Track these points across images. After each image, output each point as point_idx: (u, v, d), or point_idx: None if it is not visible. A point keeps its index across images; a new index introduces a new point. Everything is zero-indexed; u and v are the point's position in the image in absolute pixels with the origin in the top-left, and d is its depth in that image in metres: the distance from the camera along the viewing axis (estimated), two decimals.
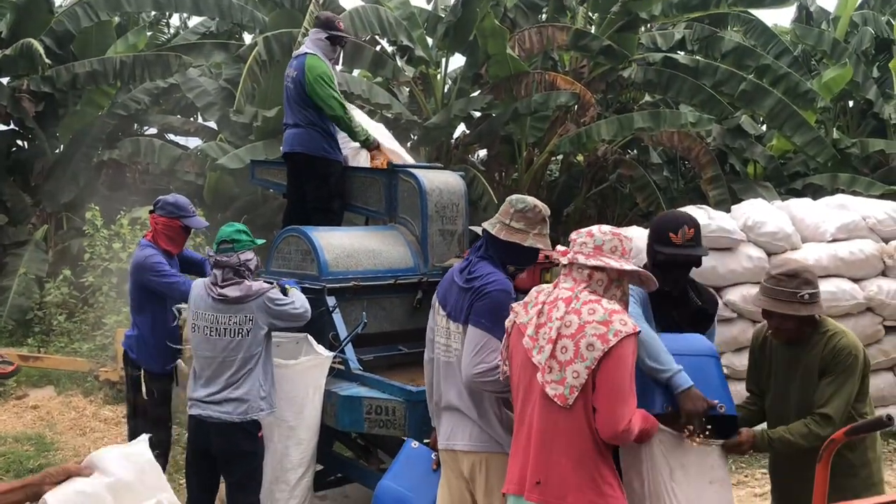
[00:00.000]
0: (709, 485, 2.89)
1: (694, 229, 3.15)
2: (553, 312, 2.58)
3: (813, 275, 2.95)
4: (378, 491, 3.50)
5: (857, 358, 2.87)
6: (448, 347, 3.16)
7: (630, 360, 2.52)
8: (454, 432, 3.12)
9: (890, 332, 6.59)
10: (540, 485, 2.51)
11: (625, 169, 12.45)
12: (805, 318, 2.90)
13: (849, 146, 12.54)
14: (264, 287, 3.94)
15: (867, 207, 7.14)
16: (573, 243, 2.69)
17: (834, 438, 2.41)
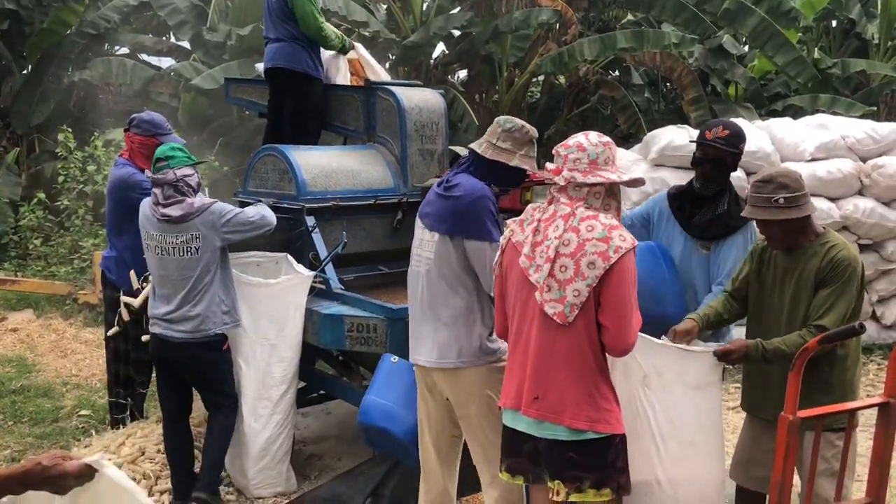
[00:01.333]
0: (691, 390, 2.92)
1: (729, 132, 3.37)
2: (550, 230, 2.55)
3: (792, 179, 2.89)
4: (364, 406, 3.51)
5: (856, 270, 2.84)
6: (420, 258, 3.11)
7: (631, 275, 2.51)
8: (419, 347, 3.12)
9: (864, 250, 6.68)
10: (538, 400, 2.54)
11: (606, 90, 12.32)
12: (789, 224, 2.87)
13: (830, 66, 12.45)
14: (208, 202, 3.86)
15: (846, 127, 7.14)
16: (564, 160, 2.58)
17: (807, 347, 2.46)
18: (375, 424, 3.44)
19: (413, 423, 3.36)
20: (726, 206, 3.41)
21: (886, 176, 6.59)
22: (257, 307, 4.08)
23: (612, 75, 13.53)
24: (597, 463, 2.53)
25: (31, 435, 5.15)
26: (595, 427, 2.51)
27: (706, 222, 3.46)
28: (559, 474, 2.55)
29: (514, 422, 2.64)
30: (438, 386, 3.12)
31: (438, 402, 3.17)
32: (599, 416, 2.52)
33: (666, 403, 2.94)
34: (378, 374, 3.60)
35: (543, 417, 2.54)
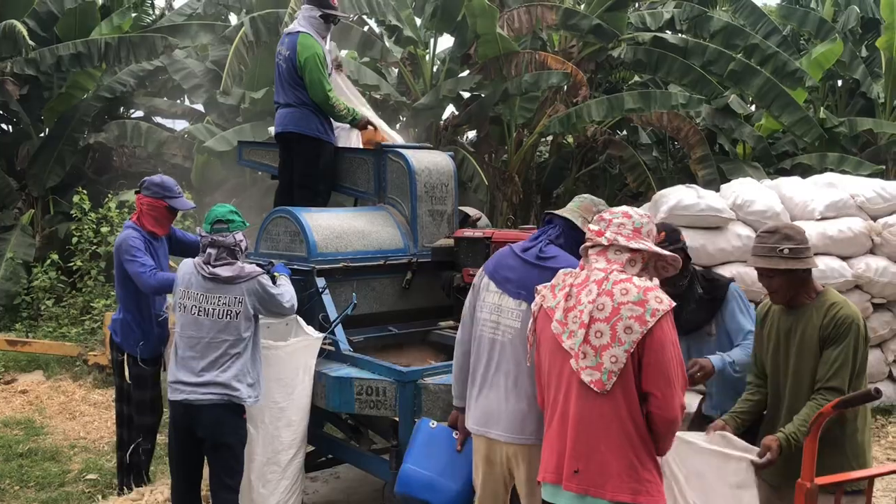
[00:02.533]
0: (732, 489, 2.86)
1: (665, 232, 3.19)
2: (583, 295, 2.51)
3: (796, 232, 2.92)
4: (403, 476, 3.36)
5: (859, 327, 2.84)
6: (497, 325, 3.02)
7: (671, 338, 2.46)
8: (492, 419, 2.99)
9: (878, 309, 6.63)
10: (578, 473, 2.45)
11: (614, 149, 12.45)
12: (792, 275, 2.88)
13: (836, 125, 12.55)
14: (257, 270, 3.90)
15: (855, 186, 7.15)
16: (608, 224, 2.58)
17: (822, 412, 2.42)
18: (416, 496, 3.34)
19: (455, 490, 3.26)
20: (700, 289, 3.38)
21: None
22: (267, 370, 4.04)
23: (620, 135, 13.69)
24: None
25: (37, 500, 5.09)
26: (637, 499, 2.42)
27: (693, 311, 3.41)
28: None
29: (554, 497, 2.54)
30: (507, 461, 3.00)
31: (498, 475, 3.05)
32: (642, 487, 2.43)
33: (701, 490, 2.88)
34: (416, 439, 3.46)
35: (586, 492, 2.44)
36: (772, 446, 2.82)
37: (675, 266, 2.64)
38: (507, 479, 3.07)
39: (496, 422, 2.98)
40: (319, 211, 4.86)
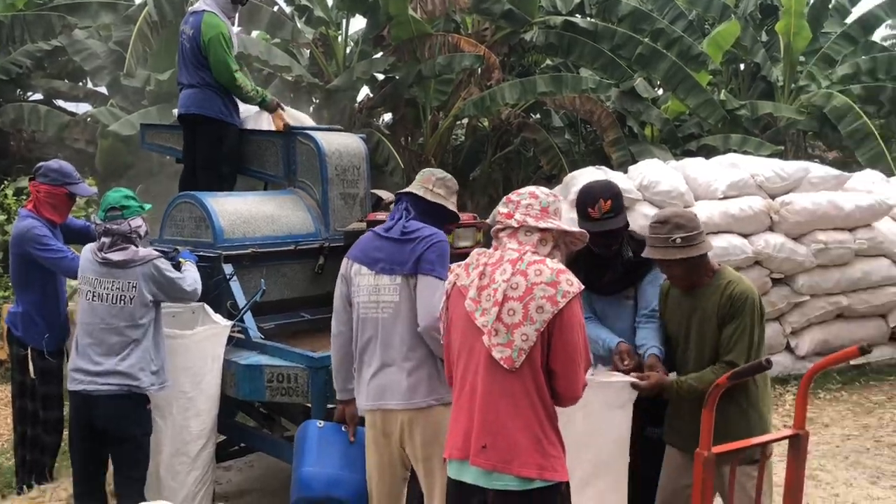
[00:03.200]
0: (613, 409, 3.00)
1: (611, 200, 3.22)
2: (497, 274, 2.53)
3: (687, 219, 2.98)
4: (302, 481, 3.33)
5: (755, 302, 2.94)
6: (378, 304, 3.11)
7: (579, 319, 2.52)
8: (387, 391, 3.07)
9: (776, 284, 6.93)
10: (486, 449, 2.47)
11: (528, 132, 12.60)
12: (687, 263, 2.96)
13: (738, 108, 13.01)
14: (153, 254, 3.77)
15: (755, 166, 7.45)
16: (516, 206, 2.63)
17: (718, 383, 2.51)
18: (321, 495, 3.32)
19: (358, 481, 3.28)
20: (630, 253, 3.36)
21: (794, 212, 6.88)
22: (173, 359, 3.93)
23: (534, 118, 13.86)
24: None
25: None
26: (543, 475, 2.46)
27: (621, 275, 3.40)
28: None
29: (460, 473, 2.56)
30: (402, 429, 3.07)
31: (394, 447, 3.13)
32: (547, 462, 2.47)
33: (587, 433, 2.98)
34: (307, 443, 3.43)
35: (493, 467, 2.46)
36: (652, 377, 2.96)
37: (583, 241, 2.69)
38: (403, 455, 3.13)
39: (391, 394, 3.06)
40: (226, 195, 4.74)
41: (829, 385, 6.66)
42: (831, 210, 6.92)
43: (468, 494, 2.53)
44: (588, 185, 3.39)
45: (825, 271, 6.92)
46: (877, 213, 7.09)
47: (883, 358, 7.15)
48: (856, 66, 13.54)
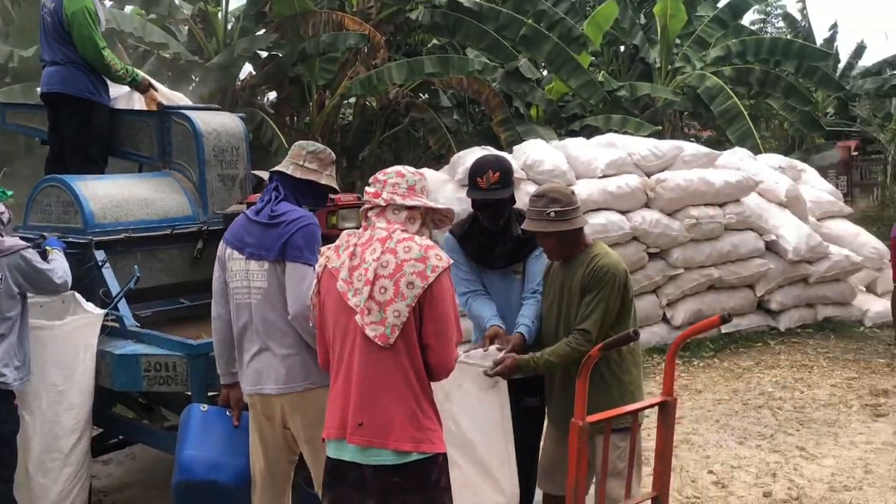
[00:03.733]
0: (488, 391, 3.06)
1: (500, 173, 3.31)
2: (367, 254, 2.54)
3: (563, 194, 3.08)
4: (183, 464, 3.24)
5: (616, 276, 3.04)
6: (249, 289, 3.05)
7: (450, 293, 2.56)
8: (263, 376, 3.03)
9: (653, 258, 7.23)
10: (362, 426, 2.49)
11: (416, 112, 12.60)
12: (561, 237, 3.06)
13: (618, 89, 13.44)
14: (20, 244, 3.57)
15: (632, 145, 7.74)
16: (384, 185, 2.63)
17: (590, 355, 2.61)
18: (202, 479, 3.23)
19: (241, 465, 3.22)
20: (519, 230, 3.42)
21: (668, 189, 7.19)
22: (42, 352, 3.73)
23: (422, 98, 13.86)
24: (422, 484, 2.52)
25: None
26: (420, 447, 2.49)
27: (510, 251, 3.49)
28: (385, 502, 2.51)
29: (338, 452, 2.57)
30: (281, 414, 3.04)
31: (277, 430, 3.09)
32: (423, 435, 2.51)
33: (467, 408, 3.03)
34: (189, 426, 3.34)
35: (369, 443, 2.49)
36: (506, 361, 3.05)
37: (449, 218, 2.73)
38: (289, 437, 3.10)
39: (267, 378, 3.02)
40: (96, 178, 4.51)
41: (703, 353, 7.03)
42: (702, 186, 7.28)
43: (345, 471, 2.55)
44: (482, 157, 3.53)
45: (697, 245, 7.28)
46: (744, 188, 7.50)
47: (751, 326, 7.60)
48: (727, 48, 14.24)
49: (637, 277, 7.08)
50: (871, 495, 4.17)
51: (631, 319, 3.10)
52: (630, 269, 6.96)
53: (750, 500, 4.16)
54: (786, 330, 7.62)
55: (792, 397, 5.83)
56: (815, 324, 7.82)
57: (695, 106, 14.98)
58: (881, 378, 6.25)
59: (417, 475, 2.50)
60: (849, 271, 7.89)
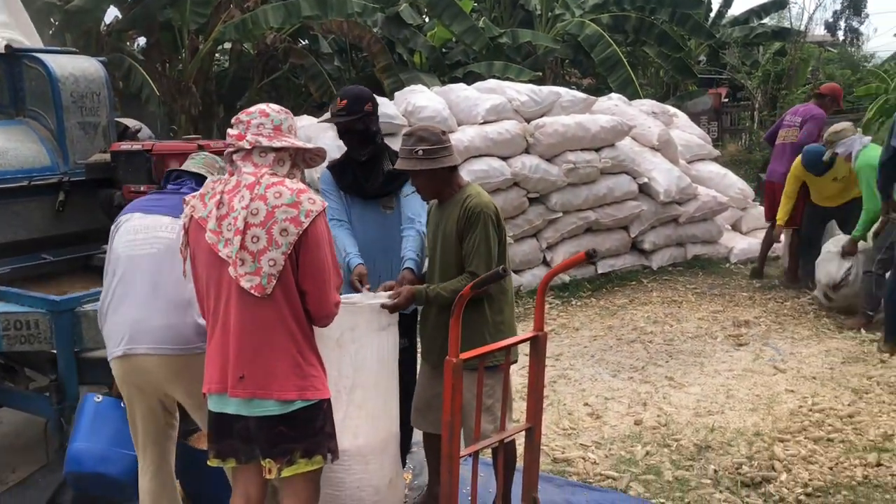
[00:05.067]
0: (375, 333, 3.05)
1: (347, 100, 3.44)
2: (235, 201, 2.44)
3: (431, 133, 3.09)
4: (72, 456, 3.18)
5: (488, 215, 3.07)
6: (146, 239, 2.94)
7: (326, 237, 2.51)
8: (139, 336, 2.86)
9: (533, 203, 7.38)
10: (244, 379, 2.44)
11: (295, 58, 12.23)
12: (430, 176, 3.08)
13: (500, 36, 13.47)
14: None
15: (512, 91, 7.81)
16: (247, 125, 2.52)
17: (462, 294, 2.64)
18: (90, 471, 3.18)
19: (132, 457, 3.13)
20: (391, 165, 3.53)
21: (547, 135, 7.31)
22: None
23: (302, 43, 13.46)
24: (307, 431, 2.51)
25: None
26: (304, 395, 2.48)
27: (380, 184, 3.59)
28: (270, 451, 2.49)
29: (221, 406, 2.52)
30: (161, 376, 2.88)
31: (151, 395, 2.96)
32: (307, 383, 2.49)
33: (355, 355, 3.01)
34: (82, 417, 3.26)
35: (252, 395, 2.44)
36: (403, 291, 3.07)
37: (321, 157, 2.68)
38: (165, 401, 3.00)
39: (148, 337, 2.86)
40: None
41: (581, 293, 7.28)
42: (579, 132, 7.44)
43: (230, 424, 2.52)
44: (344, 88, 3.66)
45: (575, 189, 7.47)
46: (619, 133, 7.73)
47: (626, 266, 7.92)
48: None
49: (518, 222, 7.23)
50: (732, 418, 4.47)
51: (506, 258, 3.16)
52: (511, 214, 7.24)
53: (622, 428, 4.38)
54: (658, 268, 7.99)
55: (662, 331, 6.15)
56: (685, 262, 8.23)
57: (575, 53, 15.23)
58: (743, 310, 6.67)
59: (302, 422, 2.50)
60: (716, 211, 8.32)
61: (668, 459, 3.96)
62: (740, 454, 3.98)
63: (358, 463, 2.97)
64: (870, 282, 5.95)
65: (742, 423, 4.39)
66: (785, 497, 3.55)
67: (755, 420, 4.41)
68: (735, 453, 3.99)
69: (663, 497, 3.61)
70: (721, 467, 3.85)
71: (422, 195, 3.23)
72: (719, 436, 4.21)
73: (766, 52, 18.80)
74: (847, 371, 5.13)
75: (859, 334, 5.85)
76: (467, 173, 6.89)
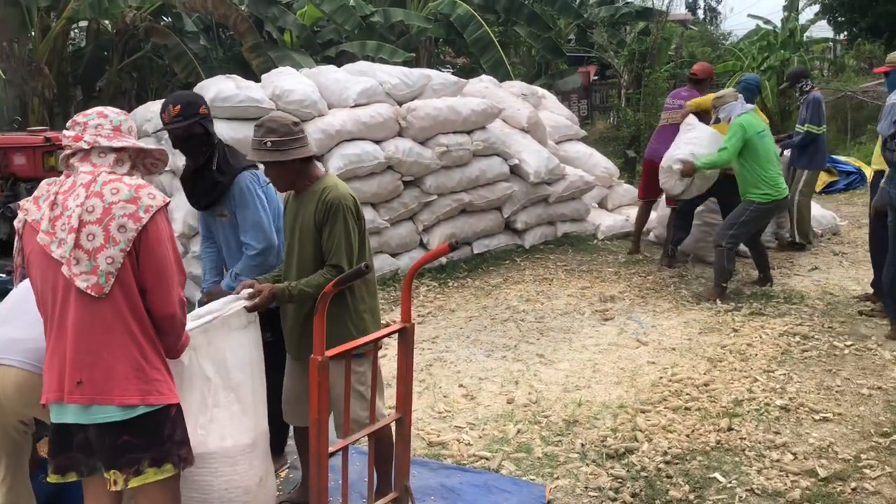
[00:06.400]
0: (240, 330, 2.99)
1: (180, 105, 3.38)
2: (70, 201, 2.34)
3: (281, 124, 3.05)
4: None
5: (346, 207, 3.05)
6: None
7: (167, 233, 2.43)
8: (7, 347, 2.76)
9: (408, 186, 7.39)
10: (82, 384, 2.32)
11: (157, 37, 11.72)
12: (282, 168, 3.04)
13: (371, 14, 13.37)
14: None
15: (383, 73, 7.77)
16: (84, 127, 2.44)
17: (325, 292, 2.62)
18: None
19: None
20: (216, 166, 3.48)
21: (419, 118, 7.33)
22: None
23: (165, 21, 12.89)
24: (153, 439, 2.41)
25: None
26: (147, 400, 2.38)
27: (205, 190, 3.53)
28: (115, 462, 2.38)
29: (60, 415, 2.39)
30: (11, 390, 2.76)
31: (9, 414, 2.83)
32: (150, 387, 2.39)
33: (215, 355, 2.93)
34: None
35: (92, 401, 2.34)
36: (263, 290, 3.02)
37: (162, 161, 2.60)
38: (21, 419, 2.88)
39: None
40: None
41: (457, 274, 7.39)
42: (451, 115, 7.50)
43: (69, 435, 2.40)
44: (172, 94, 3.55)
45: (449, 172, 7.54)
46: (489, 116, 7.85)
47: (500, 245, 8.08)
48: None
49: (394, 205, 7.24)
50: (598, 391, 4.67)
51: (366, 249, 3.16)
52: (386, 198, 7.25)
53: (495, 407, 4.50)
54: (530, 247, 8.20)
55: (534, 309, 6.33)
56: (555, 240, 8.48)
57: (448, 33, 15.31)
58: (609, 286, 6.96)
59: (147, 429, 2.40)
60: (583, 190, 8.60)
61: (538, 436, 4.10)
62: (606, 427, 4.17)
63: (225, 465, 2.90)
64: (721, 255, 6.34)
65: (608, 396, 4.59)
66: (646, 466, 3.75)
67: (619, 393, 4.62)
68: (601, 426, 4.18)
69: (533, 473, 3.74)
70: (588, 441, 4.02)
71: (275, 186, 3.19)
72: (586, 410, 4.39)
73: (631, 31, 19.50)
74: (703, 341, 5.45)
75: (715, 305, 6.23)
76: (340, 157, 6.84)
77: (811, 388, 4.58)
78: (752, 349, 5.22)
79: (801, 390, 4.54)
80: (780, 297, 6.38)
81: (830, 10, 17.39)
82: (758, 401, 4.40)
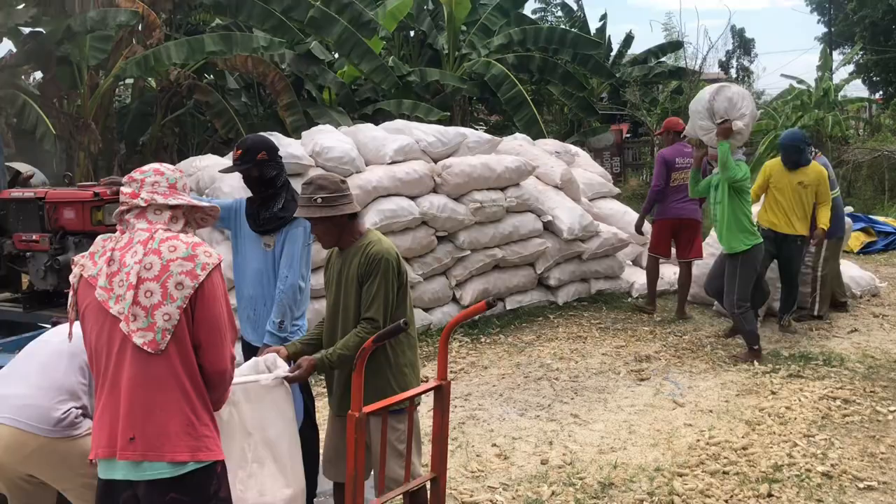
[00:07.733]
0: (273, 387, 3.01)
1: (242, 150, 3.75)
2: (127, 258, 2.39)
3: (330, 182, 3.18)
4: None
5: (389, 261, 3.11)
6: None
7: (222, 290, 2.47)
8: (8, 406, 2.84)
9: (442, 241, 7.45)
10: (134, 440, 2.34)
11: (200, 94, 12.05)
12: (330, 223, 3.15)
13: (408, 74, 13.66)
14: None
15: (419, 132, 7.92)
16: (141, 184, 2.50)
17: (364, 347, 2.65)
18: None
19: None
20: (282, 203, 3.78)
21: (454, 175, 7.43)
22: None
23: (207, 79, 13.29)
24: (200, 496, 2.41)
25: None
26: (197, 456, 2.38)
27: (266, 219, 3.81)
28: None
29: (109, 471, 2.40)
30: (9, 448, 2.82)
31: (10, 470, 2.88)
32: (200, 443, 2.40)
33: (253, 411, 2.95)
34: None
35: (143, 457, 2.34)
36: (303, 364, 3.07)
37: (213, 216, 2.66)
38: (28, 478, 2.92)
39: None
40: None
41: (490, 330, 7.37)
42: (485, 172, 7.59)
43: (117, 492, 2.40)
44: (242, 138, 3.94)
45: (482, 227, 7.59)
46: (523, 173, 7.92)
47: (533, 302, 8.07)
48: (509, 36, 14.89)
49: (427, 260, 7.29)
50: (633, 453, 4.59)
51: (407, 304, 3.19)
52: (420, 253, 7.30)
53: (529, 468, 4.44)
54: (564, 304, 8.17)
55: (568, 367, 6.28)
56: (589, 297, 8.45)
57: (482, 92, 15.58)
58: (644, 345, 6.89)
59: (195, 486, 2.40)
60: (617, 247, 8.59)
61: (573, 498, 4.03)
62: (642, 490, 4.09)
63: None
64: (740, 321, 6.31)
65: (643, 458, 4.51)
66: None
67: (656, 455, 4.54)
68: (637, 489, 4.10)
69: None
70: None
71: (322, 242, 3.25)
72: (622, 472, 4.32)
73: (664, 89, 19.66)
74: (741, 403, 5.36)
75: (752, 366, 6.13)
76: (376, 213, 6.93)
77: (854, 455, 4.46)
78: (791, 412, 5.11)
79: (844, 456, 4.43)
80: (818, 359, 6.27)
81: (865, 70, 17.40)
82: (798, 466, 4.30)
